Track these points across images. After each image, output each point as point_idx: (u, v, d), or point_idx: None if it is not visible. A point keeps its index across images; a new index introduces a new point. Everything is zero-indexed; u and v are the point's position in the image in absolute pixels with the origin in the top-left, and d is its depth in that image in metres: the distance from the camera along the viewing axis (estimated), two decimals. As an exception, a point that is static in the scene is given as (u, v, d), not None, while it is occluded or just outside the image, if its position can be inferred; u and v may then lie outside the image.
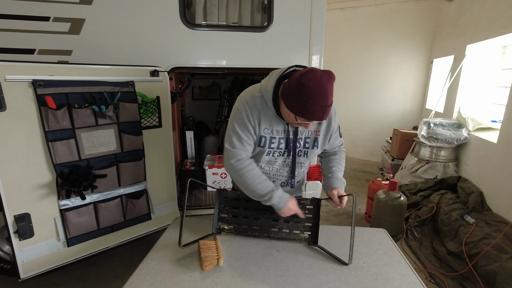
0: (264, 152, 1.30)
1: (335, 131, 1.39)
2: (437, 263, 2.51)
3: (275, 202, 1.25)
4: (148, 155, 2.18)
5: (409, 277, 1.16)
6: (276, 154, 1.33)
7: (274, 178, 1.40)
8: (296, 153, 1.34)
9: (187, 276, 1.13)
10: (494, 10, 3.23)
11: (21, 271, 1.81)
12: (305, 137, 1.33)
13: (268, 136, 1.28)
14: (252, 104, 1.24)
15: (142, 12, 2.17)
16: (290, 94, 1.10)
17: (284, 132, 1.29)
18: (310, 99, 1.05)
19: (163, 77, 2.20)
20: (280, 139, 1.30)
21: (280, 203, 1.26)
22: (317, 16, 2.35)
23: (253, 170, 1.27)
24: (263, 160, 1.34)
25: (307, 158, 1.37)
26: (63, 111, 1.75)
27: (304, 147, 1.34)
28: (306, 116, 1.10)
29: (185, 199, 1.33)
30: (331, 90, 1.08)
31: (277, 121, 1.26)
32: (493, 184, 2.88)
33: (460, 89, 3.84)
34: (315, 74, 1.05)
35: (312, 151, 1.35)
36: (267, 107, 1.23)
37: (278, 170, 1.38)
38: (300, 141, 1.33)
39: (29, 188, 1.77)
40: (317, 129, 1.33)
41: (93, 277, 2.29)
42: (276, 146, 1.30)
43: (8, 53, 2.02)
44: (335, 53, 5.29)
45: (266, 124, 1.26)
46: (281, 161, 1.36)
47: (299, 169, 1.40)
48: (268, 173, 1.39)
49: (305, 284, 1.11)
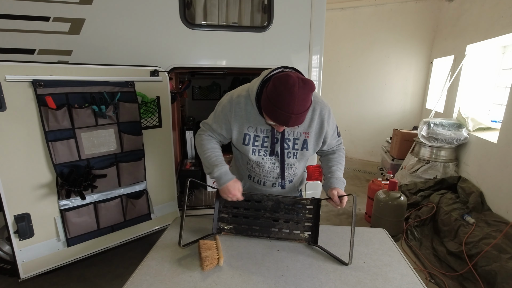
0: (249, 150, 1.31)
1: (332, 133, 1.37)
2: (437, 263, 2.51)
3: (216, 177, 1.29)
4: (148, 155, 2.17)
5: (409, 277, 1.16)
6: (262, 153, 1.32)
7: (265, 179, 1.40)
8: (284, 153, 1.32)
9: (187, 276, 1.13)
10: (494, 10, 3.23)
11: (21, 271, 1.81)
12: (294, 138, 1.31)
13: (252, 134, 1.30)
14: (236, 102, 1.28)
15: (142, 12, 2.17)
16: (264, 94, 1.13)
17: (269, 131, 1.29)
18: (277, 102, 1.06)
19: (163, 77, 2.20)
20: (264, 137, 1.30)
21: (221, 180, 1.28)
22: (317, 16, 2.35)
23: (209, 144, 1.34)
24: (252, 160, 1.34)
25: (297, 159, 1.35)
26: (63, 111, 1.75)
27: (293, 148, 1.32)
28: (271, 118, 1.13)
29: (185, 199, 1.33)
30: (303, 100, 1.06)
31: (261, 120, 1.27)
32: (493, 184, 2.88)
33: (460, 89, 3.84)
34: (289, 79, 1.05)
35: (302, 153, 1.33)
36: (252, 106, 1.26)
37: (268, 172, 1.38)
38: (288, 142, 1.31)
39: (29, 188, 1.77)
40: (307, 131, 1.30)
41: (93, 277, 2.29)
42: (260, 144, 1.31)
43: (8, 53, 2.02)
44: (335, 53, 5.29)
45: (250, 123, 1.28)
46: (270, 163, 1.35)
47: (290, 170, 1.38)
48: (259, 174, 1.39)
49: (305, 284, 1.11)
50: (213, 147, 1.36)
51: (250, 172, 1.43)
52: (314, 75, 2.47)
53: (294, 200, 1.40)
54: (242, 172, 1.49)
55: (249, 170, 1.42)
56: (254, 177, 1.43)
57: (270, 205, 1.40)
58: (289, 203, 1.39)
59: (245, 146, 1.31)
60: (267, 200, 1.40)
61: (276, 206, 1.40)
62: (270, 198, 1.40)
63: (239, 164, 1.50)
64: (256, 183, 1.44)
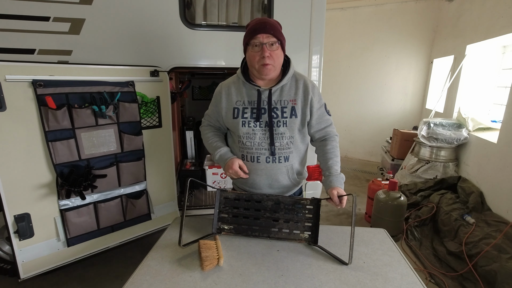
0: (239, 123, 1.38)
1: (319, 107, 1.42)
2: (437, 263, 2.51)
3: (218, 159, 1.46)
4: (148, 155, 2.18)
5: (409, 277, 1.16)
6: (251, 124, 1.37)
7: (258, 153, 1.40)
8: (272, 119, 1.35)
9: (187, 276, 1.13)
10: (494, 10, 3.23)
11: (21, 271, 1.81)
12: (282, 107, 1.37)
13: (240, 107, 1.39)
14: (225, 85, 1.44)
15: (142, 12, 2.17)
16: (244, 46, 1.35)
17: (256, 102, 1.36)
18: (251, 25, 1.30)
19: (163, 77, 2.20)
20: (252, 109, 1.37)
21: (221, 160, 1.45)
22: (317, 16, 2.35)
23: (209, 132, 1.54)
24: (242, 133, 1.38)
25: (288, 127, 1.37)
26: (63, 111, 1.75)
27: (282, 117, 1.36)
28: (251, 34, 1.27)
29: (185, 199, 1.33)
30: (273, 21, 1.31)
31: (248, 92, 1.38)
32: (493, 184, 2.88)
33: (460, 89, 3.84)
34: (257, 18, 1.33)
35: (292, 120, 1.37)
36: (239, 81, 1.41)
37: (260, 143, 1.38)
38: (276, 111, 1.36)
39: (29, 188, 1.77)
40: (293, 98, 1.38)
41: (93, 277, 2.29)
42: (249, 115, 1.38)
43: (8, 53, 2.02)
44: (335, 53, 5.29)
45: (238, 97, 1.40)
46: (260, 133, 1.37)
47: (281, 140, 1.38)
48: (251, 148, 1.40)
49: (305, 284, 1.11)
50: (213, 134, 1.53)
51: (242, 151, 1.43)
52: (314, 75, 2.47)
53: (294, 200, 1.40)
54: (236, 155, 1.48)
55: (241, 149, 1.42)
56: (247, 154, 1.42)
57: (270, 205, 1.40)
58: (289, 203, 1.39)
59: (235, 120, 1.38)
60: (267, 200, 1.40)
61: (276, 206, 1.40)
62: (270, 198, 1.40)
63: (232, 149, 1.51)
64: (250, 161, 1.42)
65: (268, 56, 1.28)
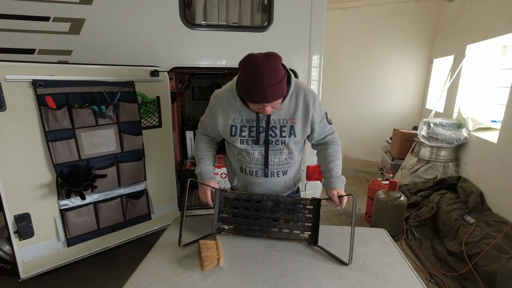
0: (237, 140, 1.34)
1: (320, 120, 1.37)
2: (437, 263, 2.51)
3: (196, 174, 1.43)
4: (148, 155, 2.17)
5: (409, 277, 1.16)
6: (250, 142, 1.34)
7: (256, 168, 1.40)
8: (268, 141, 1.33)
9: (187, 276, 1.13)
10: (494, 10, 3.23)
11: (21, 271, 1.81)
12: (281, 126, 1.32)
13: (238, 125, 1.33)
14: (220, 97, 1.34)
15: (142, 12, 2.17)
16: (238, 81, 1.20)
17: (254, 120, 1.31)
18: (249, 81, 1.11)
19: (163, 77, 2.20)
20: (251, 127, 1.32)
21: (199, 178, 1.42)
22: (317, 16, 2.35)
23: (200, 143, 1.49)
24: (240, 149, 1.37)
25: (286, 146, 1.35)
26: (63, 111, 1.75)
27: (280, 136, 1.33)
28: (250, 99, 1.16)
29: (185, 199, 1.33)
30: (272, 71, 1.08)
31: (246, 110, 1.30)
32: (493, 184, 2.88)
33: (460, 89, 3.84)
34: (251, 57, 1.09)
35: (291, 140, 1.34)
36: (235, 98, 1.30)
37: (258, 159, 1.38)
38: (275, 130, 1.32)
39: (29, 188, 1.77)
40: (292, 117, 1.31)
41: (93, 277, 2.29)
42: (247, 134, 1.33)
43: (8, 53, 2.02)
44: (335, 53, 5.29)
45: (236, 114, 1.32)
46: (259, 150, 1.36)
47: (280, 156, 1.37)
48: (249, 163, 1.39)
49: (305, 284, 1.11)
50: (205, 145, 1.48)
51: (241, 164, 1.42)
52: (314, 75, 2.47)
53: (294, 200, 1.40)
54: (234, 167, 1.48)
55: (240, 161, 1.42)
56: (246, 168, 1.42)
57: (270, 205, 1.40)
58: (289, 203, 1.39)
59: (232, 137, 1.34)
60: (267, 200, 1.40)
61: (276, 206, 1.39)
62: (270, 198, 1.40)
63: (231, 159, 1.50)
64: (248, 174, 1.43)
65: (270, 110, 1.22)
